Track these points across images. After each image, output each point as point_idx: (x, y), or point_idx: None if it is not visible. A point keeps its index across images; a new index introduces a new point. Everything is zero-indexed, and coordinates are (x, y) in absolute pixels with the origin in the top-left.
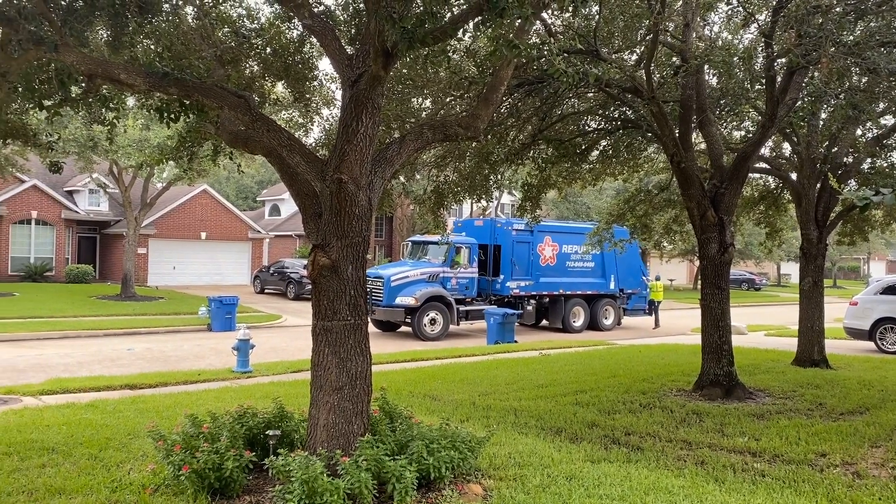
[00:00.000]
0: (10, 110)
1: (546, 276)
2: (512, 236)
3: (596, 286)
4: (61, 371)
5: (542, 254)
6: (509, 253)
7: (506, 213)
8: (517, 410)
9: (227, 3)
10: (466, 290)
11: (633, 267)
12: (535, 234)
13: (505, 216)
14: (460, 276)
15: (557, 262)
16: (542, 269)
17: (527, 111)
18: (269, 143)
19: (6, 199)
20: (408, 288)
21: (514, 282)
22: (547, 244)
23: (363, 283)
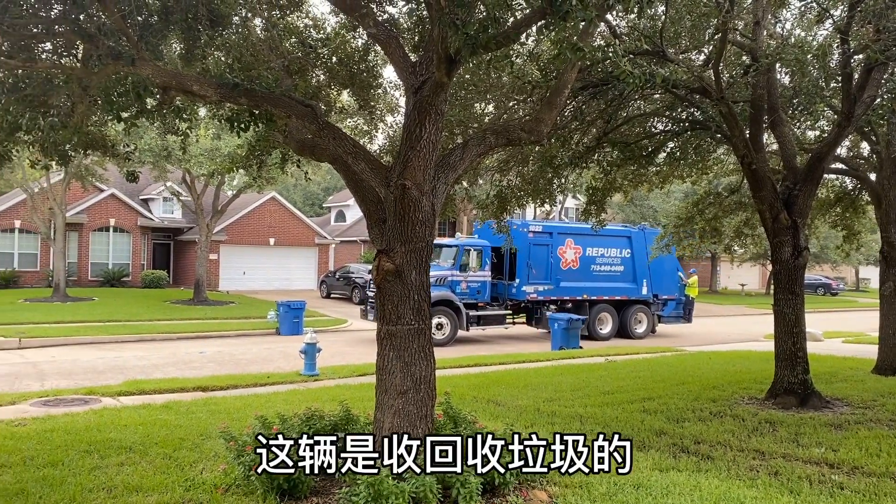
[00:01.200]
0: (91, 122)
1: (567, 281)
2: (528, 239)
3: (626, 291)
4: (138, 373)
5: (564, 257)
6: (525, 256)
7: (569, 217)
8: (582, 417)
9: (294, 14)
10: (478, 295)
11: (668, 271)
12: (554, 236)
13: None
14: (470, 279)
15: (581, 265)
16: (563, 272)
17: (591, 114)
18: (335, 151)
19: (86, 207)
20: None
21: (530, 286)
22: (569, 247)
23: (427, 288)
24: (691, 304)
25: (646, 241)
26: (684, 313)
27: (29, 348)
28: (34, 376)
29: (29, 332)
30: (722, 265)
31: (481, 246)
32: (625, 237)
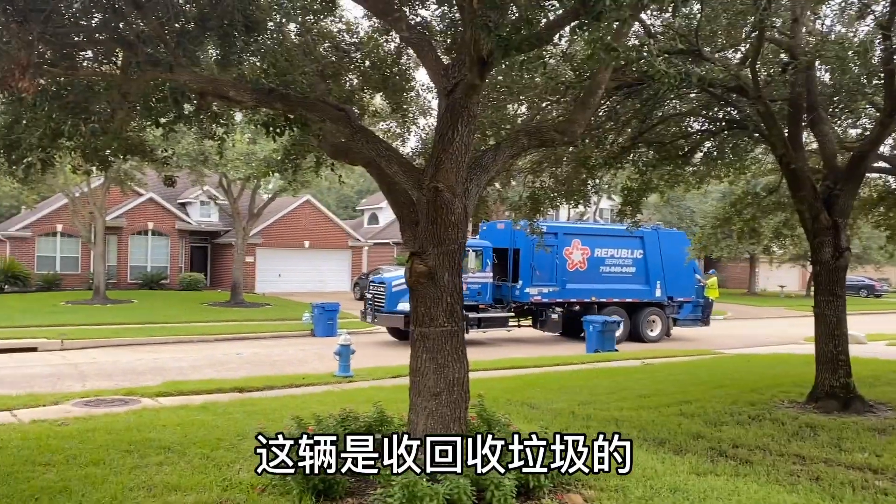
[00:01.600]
0: (130, 128)
1: (574, 283)
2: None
3: (637, 293)
4: (176, 374)
5: (570, 258)
6: (529, 257)
7: (605, 217)
8: (618, 420)
9: (328, 19)
10: (479, 297)
11: (684, 272)
12: (560, 237)
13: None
14: (470, 280)
15: (588, 267)
16: (569, 274)
17: (626, 114)
18: (369, 154)
19: (125, 211)
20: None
21: (534, 288)
22: (575, 248)
23: (459, 290)
24: (710, 306)
25: (659, 242)
26: (702, 316)
27: (70, 350)
28: (76, 377)
29: (70, 333)
30: (761, 266)
31: (481, 247)
32: (636, 237)
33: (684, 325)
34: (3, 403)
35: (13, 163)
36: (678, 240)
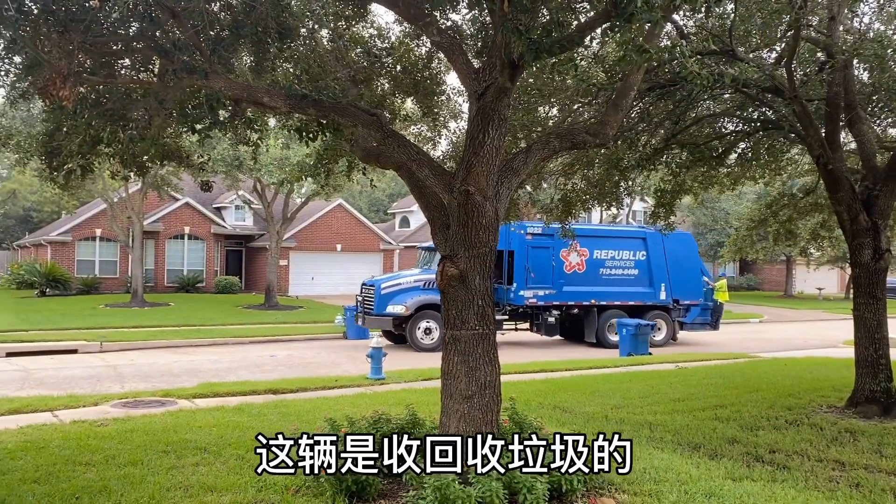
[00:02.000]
0: (167, 134)
1: (572, 285)
2: (526, 241)
3: (640, 296)
4: (211, 376)
5: (567, 260)
6: (523, 259)
7: (638, 220)
8: (652, 424)
9: (360, 25)
10: None
11: (690, 274)
12: (556, 238)
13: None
14: None
15: (587, 268)
16: (566, 276)
17: (658, 115)
18: (400, 158)
19: (162, 216)
20: (399, 296)
21: (529, 290)
22: (573, 249)
23: (491, 293)
24: (720, 309)
25: (663, 243)
26: (711, 320)
27: (109, 352)
28: (114, 378)
29: (109, 336)
30: (798, 269)
31: None
32: (639, 238)
33: (692, 329)
34: (45, 404)
35: (54, 169)
36: (684, 241)
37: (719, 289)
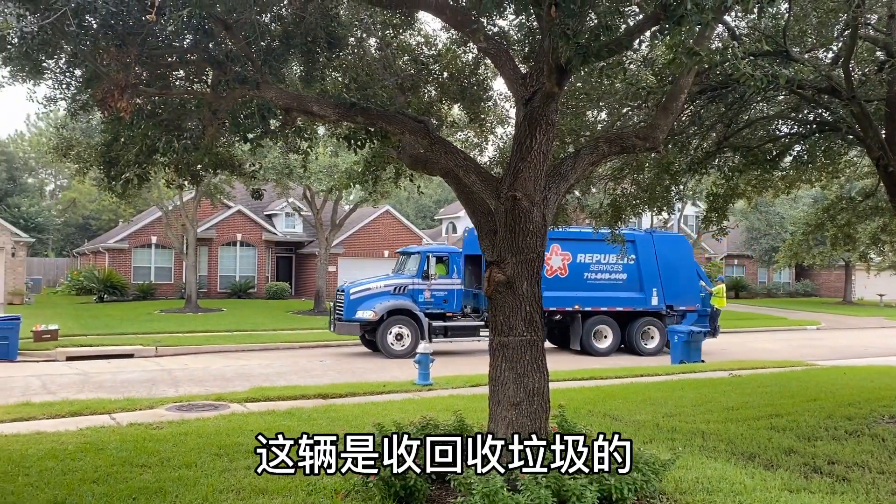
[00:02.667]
0: (220, 143)
1: (554, 290)
2: None
3: (630, 302)
4: (262, 380)
5: (549, 264)
6: None
7: (689, 224)
8: (705, 433)
9: (407, 33)
10: (445, 304)
11: (685, 279)
12: None
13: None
14: (435, 287)
15: (570, 273)
16: (548, 281)
17: (710, 118)
18: (447, 164)
19: (215, 223)
20: (368, 301)
21: None
22: (554, 253)
23: (539, 299)
24: (717, 315)
25: (654, 246)
26: (710, 327)
27: (164, 356)
28: (169, 382)
29: (164, 341)
30: (857, 274)
31: (445, 252)
32: (628, 241)
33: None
34: (103, 407)
35: (112, 178)
36: (677, 243)
37: (717, 294)
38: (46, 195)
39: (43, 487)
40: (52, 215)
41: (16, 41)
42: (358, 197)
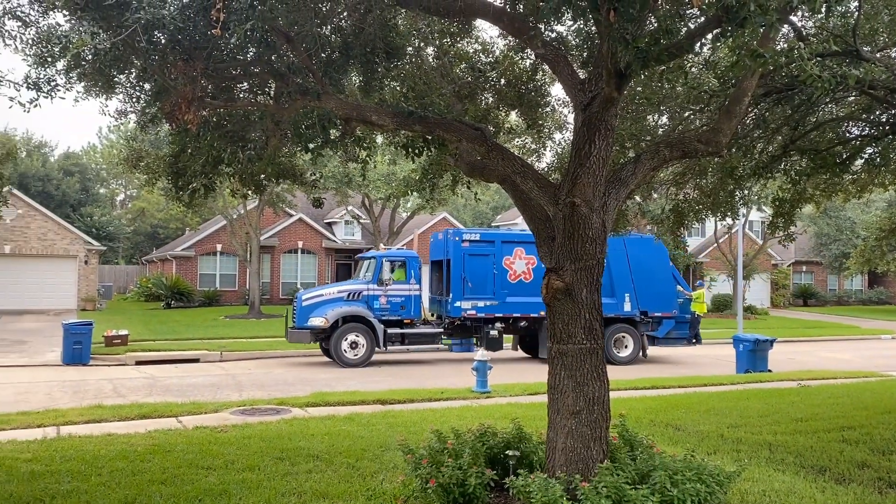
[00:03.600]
0: (282, 153)
1: (517, 295)
2: (462, 249)
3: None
4: (322, 385)
5: (511, 269)
6: (459, 268)
7: (755, 230)
8: (772, 445)
9: (464, 41)
10: (402, 311)
11: (661, 284)
12: (498, 245)
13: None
14: (391, 293)
15: (535, 278)
16: (510, 286)
17: (776, 121)
18: (504, 171)
19: (278, 231)
20: (320, 308)
21: (467, 301)
22: (518, 257)
23: (599, 307)
24: (697, 322)
25: (626, 249)
26: (689, 334)
27: (229, 361)
28: (233, 387)
29: (228, 346)
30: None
31: (402, 257)
32: None
33: (667, 345)
34: (171, 410)
35: (180, 188)
36: (651, 247)
37: (696, 299)
38: (117, 205)
39: (114, 487)
40: (123, 224)
41: (90, 57)
42: (415, 204)
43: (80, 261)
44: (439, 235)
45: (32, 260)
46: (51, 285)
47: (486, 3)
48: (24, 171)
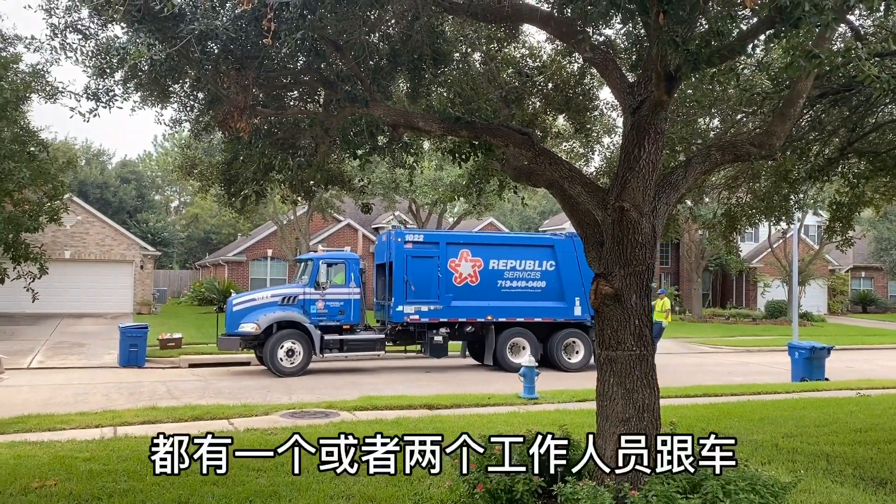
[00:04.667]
0: (331, 160)
1: (463, 299)
2: (405, 250)
3: (550, 312)
4: (370, 389)
5: (457, 271)
6: (401, 271)
7: (810, 235)
8: (829, 456)
9: (511, 46)
10: (341, 316)
11: None
12: (443, 246)
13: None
14: (329, 298)
15: (482, 280)
16: (456, 289)
17: (832, 123)
18: (551, 176)
19: (326, 236)
20: (252, 313)
21: (410, 306)
22: (464, 259)
23: (649, 313)
24: (660, 330)
25: (576, 251)
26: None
27: None
28: (283, 390)
29: None
30: None
31: (343, 260)
32: (546, 247)
33: None
34: (222, 412)
35: (232, 195)
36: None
37: (659, 309)
38: (171, 211)
39: (168, 487)
40: (177, 230)
41: (146, 68)
42: (462, 209)
43: (136, 266)
44: (383, 237)
45: (91, 265)
46: (108, 289)
47: (534, 7)
48: (83, 179)
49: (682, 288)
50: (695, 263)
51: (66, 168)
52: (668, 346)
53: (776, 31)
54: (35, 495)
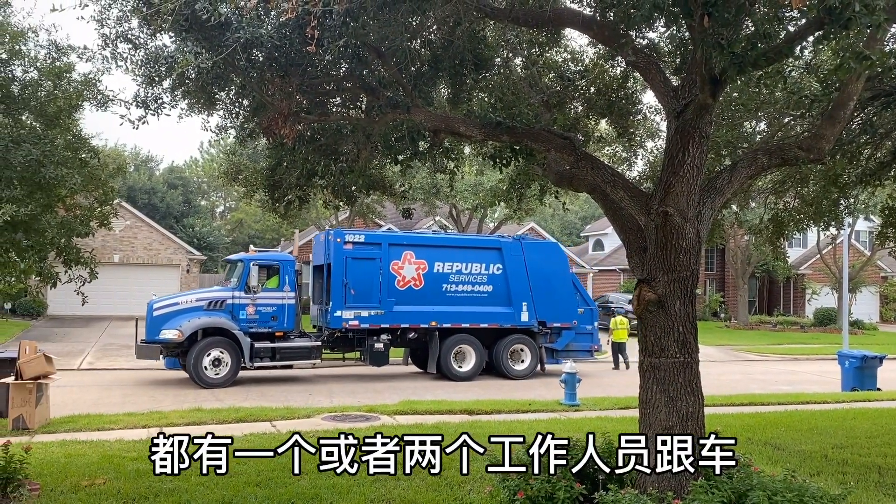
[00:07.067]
0: (372, 166)
1: (406, 304)
2: (344, 251)
3: (496, 317)
4: (410, 393)
5: (400, 274)
6: (341, 274)
7: (861, 241)
8: (882, 468)
9: (553, 50)
10: (273, 322)
11: (560, 292)
12: (385, 248)
13: (333, 227)
14: (261, 302)
15: (426, 284)
16: (398, 294)
17: (884, 126)
18: (593, 180)
19: None
20: (175, 318)
21: (349, 311)
22: (407, 262)
23: (693, 320)
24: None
25: (524, 254)
26: (614, 363)
27: (320, 368)
28: (325, 393)
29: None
30: None
31: (277, 261)
32: (493, 249)
33: (568, 358)
34: (265, 414)
35: (276, 200)
36: (550, 252)
37: (616, 328)
38: (217, 216)
39: (212, 487)
40: (222, 234)
41: (193, 76)
42: (502, 214)
43: (183, 269)
44: (321, 237)
45: (139, 268)
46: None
47: (576, 11)
48: (132, 184)
49: (727, 294)
50: (741, 269)
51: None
52: (712, 353)
53: (825, 33)
54: (85, 493)
